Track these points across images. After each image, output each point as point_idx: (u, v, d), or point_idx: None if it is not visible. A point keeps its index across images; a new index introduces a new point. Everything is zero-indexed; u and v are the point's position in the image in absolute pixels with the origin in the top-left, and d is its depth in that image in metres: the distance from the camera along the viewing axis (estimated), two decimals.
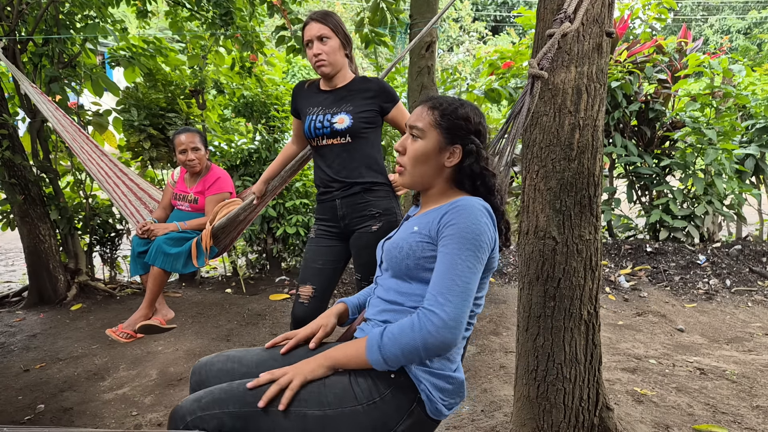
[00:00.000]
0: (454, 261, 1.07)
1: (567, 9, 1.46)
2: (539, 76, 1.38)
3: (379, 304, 1.24)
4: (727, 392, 2.39)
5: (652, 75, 4.65)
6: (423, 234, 1.17)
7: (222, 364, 1.26)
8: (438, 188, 1.25)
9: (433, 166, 1.22)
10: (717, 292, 3.91)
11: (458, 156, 1.21)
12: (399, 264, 1.19)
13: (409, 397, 1.12)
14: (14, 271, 5.64)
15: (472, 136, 1.21)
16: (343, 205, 1.93)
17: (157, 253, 2.36)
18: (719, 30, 21.80)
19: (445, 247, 1.10)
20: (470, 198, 1.18)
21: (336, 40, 1.87)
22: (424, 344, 1.04)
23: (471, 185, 1.22)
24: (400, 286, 1.20)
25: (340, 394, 1.10)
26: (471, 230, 1.10)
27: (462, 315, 1.05)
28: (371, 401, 1.10)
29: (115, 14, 4.30)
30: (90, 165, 2.73)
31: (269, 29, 4.55)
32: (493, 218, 1.16)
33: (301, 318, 1.93)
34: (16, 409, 2.35)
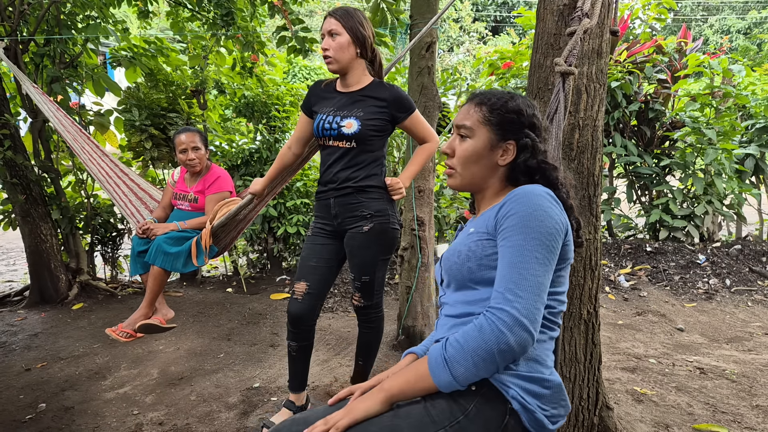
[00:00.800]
0: (520, 253, 0.95)
1: (583, 6, 1.48)
2: (569, 72, 1.38)
3: (448, 321, 1.09)
4: (727, 392, 2.40)
5: (652, 75, 4.66)
6: (481, 232, 1.06)
7: (287, 429, 1.10)
8: (493, 189, 1.15)
9: (486, 165, 1.12)
10: (717, 292, 3.91)
11: (512, 153, 1.11)
12: (460, 270, 1.07)
13: (498, 410, 0.96)
14: (16, 270, 5.65)
15: (526, 129, 1.11)
16: (336, 205, 1.95)
17: (157, 253, 2.37)
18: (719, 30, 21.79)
19: (507, 239, 0.98)
20: (529, 186, 1.05)
21: (345, 37, 1.86)
22: (498, 347, 0.90)
23: (529, 182, 1.11)
24: (467, 296, 1.07)
25: (417, 423, 0.95)
26: (534, 217, 0.97)
27: (536, 310, 0.92)
28: (454, 421, 0.95)
29: (116, 14, 4.31)
30: (91, 165, 2.74)
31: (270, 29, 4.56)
32: (558, 203, 1.04)
33: (296, 314, 1.95)
34: (17, 408, 2.35)
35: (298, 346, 1.99)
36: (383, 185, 1.96)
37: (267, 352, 2.98)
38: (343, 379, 2.56)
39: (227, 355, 2.95)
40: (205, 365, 2.80)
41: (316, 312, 1.97)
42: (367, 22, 1.91)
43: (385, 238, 1.95)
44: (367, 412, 0.98)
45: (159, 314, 2.51)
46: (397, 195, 1.98)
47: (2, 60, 3.04)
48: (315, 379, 2.59)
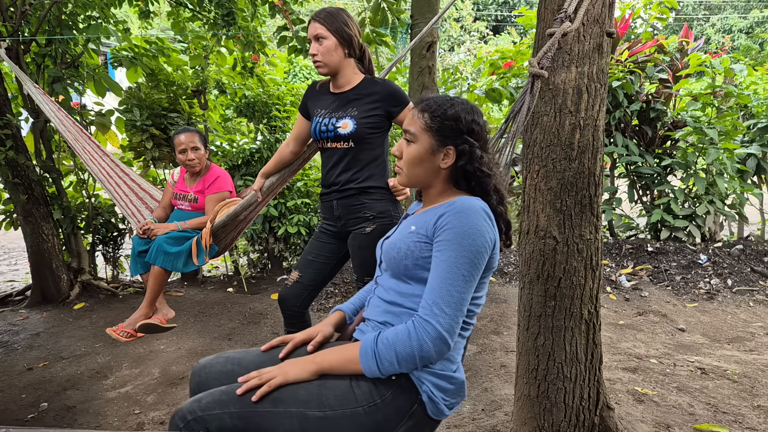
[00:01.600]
0: (451, 269, 1.07)
1: (567, 9, 1.47)
2: (539, 75, 1.38)
3: (380, 304, 1.23)
4: (728, 392, 2.39)
5: (654, 74, 4.65)
6: (420, 234, 1.16)
7: (221, 365, 1.26)
8: (437, 188, 1.25)
9: (428, 168, 1.22)
10: (718, 292, 3.90)
11: (452, 157, 1.20)
12: (397, 264, 1.19)
13: (410, 399, 1.12)
14: (17, 270, 5.67)
15: (464, 135, 1.19)
16: (340, 206, 1.96)
17: (157, 252, 2.37)
18: (721, 29, 21.75)
19: (441, 252, 1.10)
20: (468, 199, 1.16)
21: (332, 40, 1.86)
22: (420, 353, 1.05)
23: (467, 185, 1.22)
24: (400, 287, 1.19)
25: (341, 396, 1.10)
26: (468, 235, 1.09)
27: (456, 325, 1.07)
28: (372, 403, 1.10)
29: (117, 15, 4.31)
30: (92, 165, 2.74)
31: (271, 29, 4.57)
32: (491, 218, 1.15)
33: (281, 298, 2.02)
34: (19, 407, 2.36)
35: (288, 332, 2.02)
36: (386, 185, 1.96)
37: None
38: None
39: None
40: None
41: (301, 300, 2.00)
42: (351, 20, 1.91)
43: None
44: (298, 377, 1.11)
45: (159, 314, 2.52)
46: (401, 195, 1.99)
47: (4, 60, 3.05)
48: None
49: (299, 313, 2.02)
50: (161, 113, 4.18)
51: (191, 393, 1.26)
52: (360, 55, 1.96)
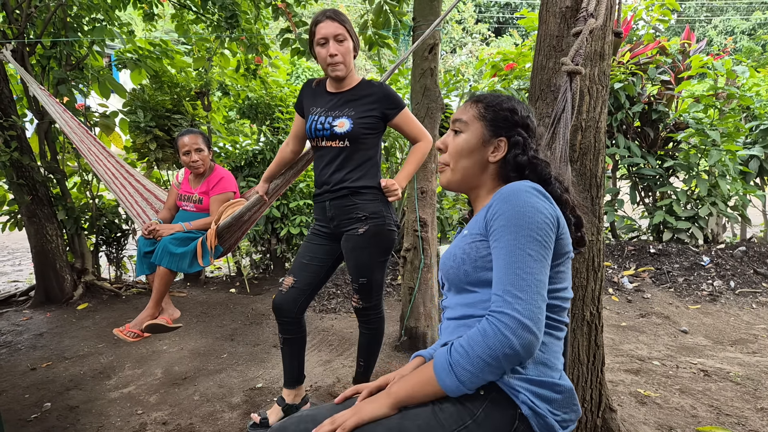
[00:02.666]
0: (513, 252, 0.94)
1: (588, 7, 1.49)
2: (576, 71, 1.39)
3: (450, 324, 1.10)
4: (731, 394, 2.39)
5: (656, 76, 4.65)
6: (474, 234, 1.06)
7: (295, 426, 1.11)
8: (486, 188, 1.15)
9: (477, 160, 1.13)
10: (721, 294, 3.90)
11: (503, 149, 1.12)
12: (457, 273, 1.07)
13: (508, 414, 0.95)
14: (21, 270, 5.69)
15: (518, 128, 1.12)
16: (332, 207, 1.96)
17: (163, 253, 2.38)
18: (723, 31, 21.72)
19: (498, 240, 0.97)
20: (514, 183, 1.05)
21: (351, 42, 1.89)
22: (503, 351, 0.89)
23: (519, 178, 1.10)
24: (466, 299, 1.07)
25: (425, 425, 0.95)
26: (522, 214, 0.96)
27: (537, 309, 0.91)
28: (462, 425, 0.94)
29: (122, 17, 4.34)
30: (97, 166, 2.76)
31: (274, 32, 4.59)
32: (547, 197, 1.03)
33: (276, 304, 2.00)
34: (22, 407, 2.37)
35: (284, 339, 2.03)
36: (378, 186, 1.97)
37: (270, 353, 2.99)
38: (346, 380, 2.56)
39: (230, 355, 2.97)
40: (208, 365, 2.81)
41: (298, 305, 2.00)
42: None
43: (381, 239, 1.96)
44: (374, 414, 0.98)
45: (165, 314, 2.53)
46: (392, 196, 1.98)
47: (9, 62, 3.07)
48: (318, 379, 2.60)
49: (296, 320, 2.02)
50: (165, 115, 4.20)
51: None
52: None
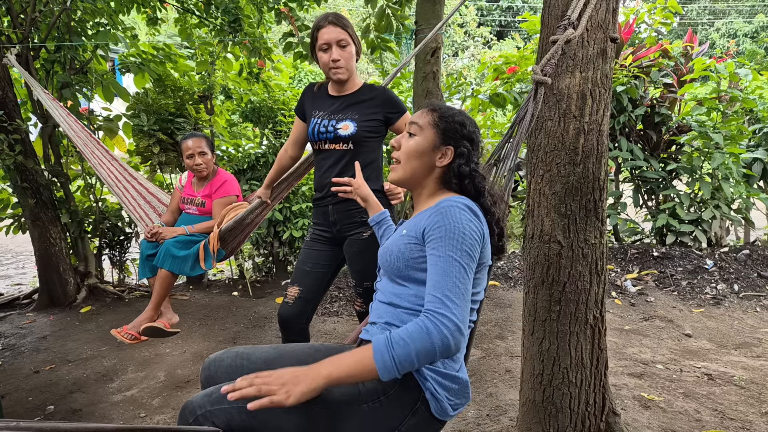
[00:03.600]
0: (450, 263, 1.08)
1: (571, 15, 1.48)
2: (542, 81, 1.39)
3: (379, 307, 1.27)
4: (736, 398, 2.38)
5: (658, 79, 4.65)
6: (410, 236, 1.19)
7: (231, 360, 1.28)
8: (428, 189, 1.29)
9: (425, 162, 1.26)
10: (725, 297, 3.88)
11: (449, 157, 1.25)
12: (391, 266, 1.22)
13: (413, 396, 1.13)
14: (25, 273, 5.71)
15: (464, 140, 1.26)
16: (335, 211, 1.95)
17: (165, 256, 2.39)
18: (726, 34, 21.70)
19: (436, 249, 1.11)
20: (453, 197, 1.20)
21: (353, 47, 1.89)
22: (441, 347, 1.01)
23: (459, 185, 1.25)
24: (395, 289, 1.23)
25: (346, 393, 1.11)
26: (457, 229, 1.11)
27: (467, 316, 1.07)
28: (376, 400, 1.11)
29: (125, 21, 4.36)
30: (100, 169, 2.77)
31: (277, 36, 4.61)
32: (477, 214, 1.17)
33: (284, 318, 1.96)
34: (26, 410, 2.38)
35: None
36: (382, 189, 1.97)
37: None
38: None
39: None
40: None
41: (305, 316, 1.98)
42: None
43: None
44: (305, 397, 1.01)
45: (164, 318, 2.53)
46: (395, 199, 1.99)
47: (14, 66, 3.09)
48: None
49: (302, 330, 2.00)
50: (168, 118, 4.22)
51: (201, 386, 1.28)
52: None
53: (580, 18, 1.48)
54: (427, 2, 2.80)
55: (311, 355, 1.29)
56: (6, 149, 3.56)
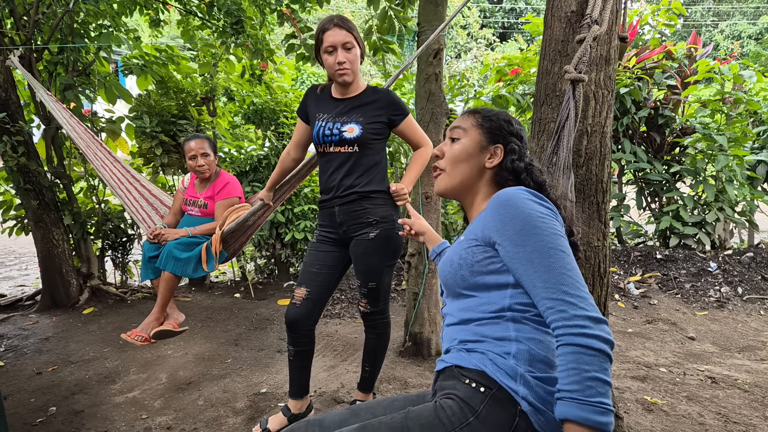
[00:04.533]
0: (546, 254, 0.94)
1: (592, 13, 1.49)
2: (579, 79, 1.39)
3: (449, 332, 1.12)
4: (739, 401, 2.36)
5: (662, 81, 4.63)
6: (470, 239, 1.09)
7: (303, 430, 1.14)
8: (481, 194, 1.19)
9: (474, 165, 1.17)
10: (729, 300, 3.86)
11: (500, 156, 1.17)
12: (454, 278, 1.09)
13: (509, 411, 0.96)
14: (28, 275, 5.72)
15: (513, 137, 1.18)
16: (342, 213, 1.95)
17: (167, 258, 2.39)
18: (730, 35, 21.64)
19: (522, 246, 0.97)
20: (508, 188, 1.07)
21: (358, 49, 1.90)
22: (604, 351, 0.86)
23: (516, 183, 1.14)
24: (465, 303, 1.09)
25: (427, 425, 0.97)
26: (532, 216, 0.98)
27: (592, 300, 0.92)
28: (464, 423, 0.95)
29: (128, 23, 4.38)
30: (103, 171, 2.78)
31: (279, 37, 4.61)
32: (543, 199, 1.05)
33: (292, 319, 1.96)
34: (28, 411, 2.38)
35: (295, 351, 2.00)
36: (387, 190, 1.97)
37: (274, 358, 2.98)
38: (350, 386, 2.55)
39: (235, 360, 2.96)
40: (212, 370, 2.81)
41: (313, 317, 1.98)
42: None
43: (391, 244, 1.96)
44: None
45: (171, 319, 2.54)
46: (401, 201, 1.99)
47: (17, 68, 3.10)
48: (322, 385, 2.59)
49: (309, 332, 2.00)
50: (170, 120, 4.23)
51: None
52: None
53: (602, 14, 1.49)
54: (430, 4, 2.80)
55: (388, 407, 1.16)
56: (9, 151, 3.57)
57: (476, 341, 1.03)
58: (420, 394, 1.19)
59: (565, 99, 1.42)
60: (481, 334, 1.03)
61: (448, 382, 1.04)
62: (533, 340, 1.00)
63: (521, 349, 0.99)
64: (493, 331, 1.02)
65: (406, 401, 1.16)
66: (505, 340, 1.00)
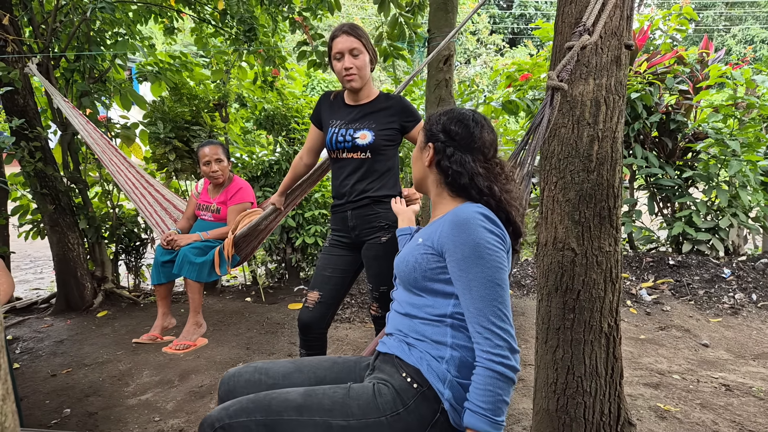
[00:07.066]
0: (484, 284, 1.06)
1: (586, 22, 1.48)
2: (559, 87, 1.40)
3: (395, 318, 1.26)
4: (754, 409, 2.33)
5: (674, 86, 4.61)
6: (427, 246, 1.18)
7: (250, 375, 1.28)
8: (435, 192, 1.30)
9: (421, 165, 1.30)
10: (743, 307, 3.81)
11: (430, 154, 1.27)
12: (408, 277, 1.21)
13: (432, 408, 1.11)
14: (43, 278, 5.81)
15: (440, 134, 1.25)
16: (354, 217, 1.97)
17: (183, 263, 2.42)
18: (742, 40, 21.43)
19: (466, 271, 1.08)
20: (465, 206, 1.17)
21: (367, 55, 1.92)
22: (513, 376, 1.04)
23: (453, 183, 1.23)
24: (412, 299, 1.21)
25: (364, 406, 1.11)
26: (482, 245, 1.08)
27: (513, 330, 1.07)
28: (395, 412, 1.10)
29: (143, 31, 4.45)
30: (118, 176, 2.82)
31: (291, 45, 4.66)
32: (495, 221, 1.14)
33: (305, 322, 1.97)
34: (43, 413, 2.41)
35: (307, 354, 2.01)
36: (399, 195, 1.99)
37: None
38: None
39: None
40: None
41: (326, 321, 1.99)
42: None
43: None
44: None
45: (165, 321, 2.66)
46: (413, 205, 2.00)
47: (35, 75, 3.17)
48: None
49: (322, 335, 2.01)
50: (184, 126, 4.29)
51: (219, 401, 1.28)
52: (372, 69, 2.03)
53: (595, 24, 1.48)
54: (440, 10, 2.82)
55: (329, 368, 1.29)
56: (27, 156, 3.64)
57: (417, 339, 1.17)
58: (357, 360, 1.32)
59: (542, 105, 1.43)
60: (422, 334, 1.16)
61: (387, 366, 1.18)
62: (465, 348, 1.13)
63: (454, 356, 1.13)
64: (433, 333, 1.15)
65: (345, 366, 1.29)
66: (441, 345, 1.14)
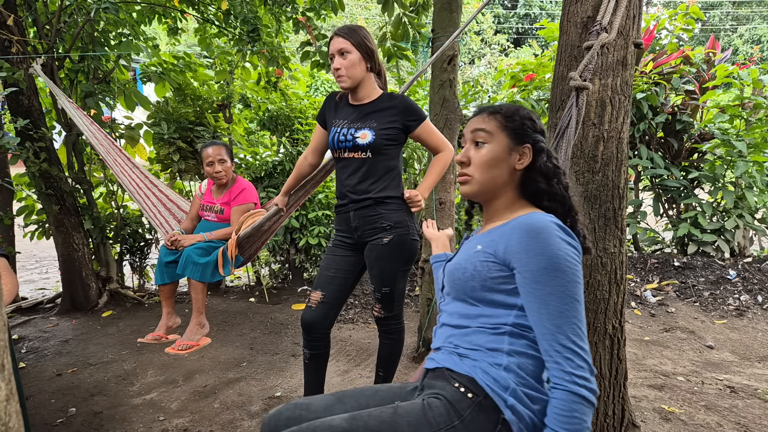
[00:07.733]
0: (563, 300, 0.99)
1: (602, 20, 1.48)
2: (583, 87, 1.39)
3: (444, 330, 1.16)
4: (759, 412, 2.31)
5: (680, 86, 4.58)
6: (488, 253, 1.09)
7: (290, 412, 1.19)
8: (505, 199, 1.17)
9: (504, 169, 1.14)
10: (748, 309, 3.79)
11: (529, 156, 1.15)
12: (464, 286, 1.11)
13: (492, 419, 1.01)
14: (48, 278, 5.84)
15: (539, 134, 1.16)
16: (356, 217, 1.97)
17: (186, 264, 2.43)
18: (749, 40, 21.30)
19: (542, 284, 1.00)
20: (533, 216, 1.07)
21: (356, 55, 1.91)
22: (593, 401, 0.97)
23: (547, 185, 1.14)
24: (467, 310, 1.12)
25: (414, 422, 1.02)
26: (561, 258, 1.00)
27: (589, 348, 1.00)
28: (449, 425, 1.01)
29: (147, 32, 4.47)
30: (122, 176, 2.83)
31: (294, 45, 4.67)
32: (569, 231, 1.06)
33: (308, 322, 1.97)
34: (49, 412, 2.42)
35: (311, 354, 2.02)
36: (402, 196, 1.98)
37: (288, 362, 3.00)
38: None
39: (250, 364, 2.99)
40: (228, 374, 2.84)
41: (329, 321, 1.99)
42: (370, 35, 1.97)
43: (405, 249, 1.96)
44: None
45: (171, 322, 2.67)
46: (415, 207, 1.99)
47: (39, 76, 3.19)
48: (335, 389, 2.59)
49: (325, 335, 2.01)
50: (188, 126, 4.30)
51: None
52: (378, 70, 2.02)
53: (611, 22, 1.48)
54: (444, 10, 2.82)
55: (372, 396, 1.20)
56: (31, 157, 3.66)
57: (469, 349, 1.08)
58: (403, 386, 1.23)
59: (568, 106, 1.42)
60: (475, 343, 1.07)
61: (437, 381, 1.09)
62: (525, 355, 1.05)
63: (512, 362, 1.04)
64: (488, 341, 1.06)
65: (390, 392, 1.19)
66: (497, 352, 1.05)
